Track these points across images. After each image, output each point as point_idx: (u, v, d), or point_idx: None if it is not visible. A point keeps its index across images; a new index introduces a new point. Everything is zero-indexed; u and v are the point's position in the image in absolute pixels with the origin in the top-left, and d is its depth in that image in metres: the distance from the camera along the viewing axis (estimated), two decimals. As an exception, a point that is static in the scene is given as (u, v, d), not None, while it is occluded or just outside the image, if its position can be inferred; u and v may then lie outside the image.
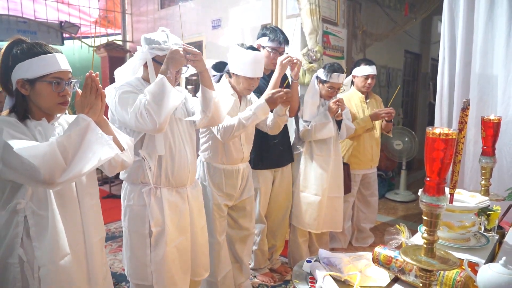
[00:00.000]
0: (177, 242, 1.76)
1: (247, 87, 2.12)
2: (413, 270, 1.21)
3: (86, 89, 1.24)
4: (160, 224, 1.71)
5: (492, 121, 1.60)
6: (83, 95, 1.24)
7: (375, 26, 4.43)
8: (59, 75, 1.28)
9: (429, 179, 0.91)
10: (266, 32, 2.46)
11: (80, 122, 1.20)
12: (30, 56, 1.24)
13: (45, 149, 1.11)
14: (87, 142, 1.20)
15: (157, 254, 1.72)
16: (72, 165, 1.16)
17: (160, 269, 1.73)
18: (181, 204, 1.79)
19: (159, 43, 1.64)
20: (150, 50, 1.64)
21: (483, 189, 1.65)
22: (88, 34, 5.59)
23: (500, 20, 2.37)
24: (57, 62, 1.27)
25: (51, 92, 1.27)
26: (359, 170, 3.12)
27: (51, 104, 1.29)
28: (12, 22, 4.82)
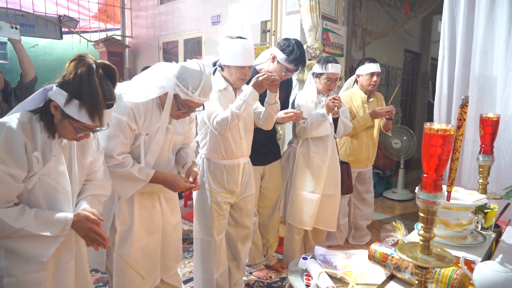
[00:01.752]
0: (143, 243, 1.72)
1: (239, 77, 2.08)
2: (409, 267, 1.20)
3: (95, 235, 1.28)
4: (127, 222, 1.68)
5: (490, 119, 1.59)
6: (90, 230, 1.27)
7: (375, 24, 4.42)
8: (90, 127, 1.22)
9: (426, 176, 0.90)
10: (286, 49, 2.35)
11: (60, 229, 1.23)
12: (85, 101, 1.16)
13: (8, 221, 1.14)
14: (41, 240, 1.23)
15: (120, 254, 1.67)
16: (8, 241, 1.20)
17: (121, 268, 1.68)
18: (153, 203, 1.76)
19: (187, 88, 1.55)
20: (176, 86, 1.56)
21: (481, 188, 1.65)
22: (87, 29, 5.57)
23: (500, 19, 2.36)
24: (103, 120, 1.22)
25: (73, 133, 1.23)
26: (354, 168, 3.12)
27: (66, 136, 1.26)
28: (10, 15, 4.79)
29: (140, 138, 1.62)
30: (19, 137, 1.16)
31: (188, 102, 1.59)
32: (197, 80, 1.56)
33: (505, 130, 2.32)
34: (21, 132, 1.17)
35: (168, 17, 5.22)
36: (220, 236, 2.21)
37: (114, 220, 1.67)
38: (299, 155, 2.65)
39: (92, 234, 1.27)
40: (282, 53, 2.36)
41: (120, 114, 1.54)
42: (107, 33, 5.70)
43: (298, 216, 2.66)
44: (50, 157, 1.24)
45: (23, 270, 1.23)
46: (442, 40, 2.68)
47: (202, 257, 2.22)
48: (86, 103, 1.16)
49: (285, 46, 2.37)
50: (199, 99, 1.58)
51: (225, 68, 2.12)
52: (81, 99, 1.16)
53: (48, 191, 1.25)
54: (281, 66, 2.38)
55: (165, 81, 1.56)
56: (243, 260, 2.43)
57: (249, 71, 2.10)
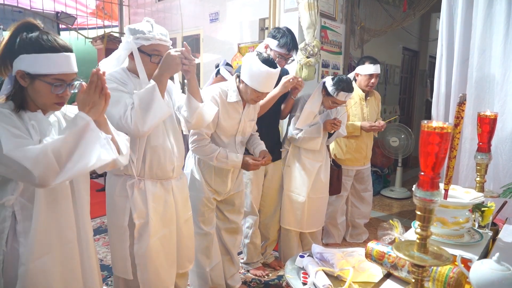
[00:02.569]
0: (160, 235, 1.73)
1: (254, 98, 2.07)
2: (406, 265, 1.20)
3: (91, 86, 1.19)
4: (144, 216, 1.69)
5: (488, 117, 1.59)
6: (87, 91, 1.19)
7: (373, 22, 4.41)
8: (61, 77, 1.21)
9: (424, 174, 0.90)
10: (277, 35, 2.39)
11: (78, 122, 1.15)
12: (37, 50, 1.17)
13: (37, 152, 1.07)
14: (84, 143, 1.15)
15: (141, 247, 1.69)
16: (67, 168, 1.12)
17: (144, 262, 1.70)
18: (166, 196, 1.76)
19: (144, 33, 1.59)
20: (135, 40, 1.59)
21: (478, 186, 1.65)
22: (84, 26, 5.54)
23: (498, 18, 2.35)
24: (63, 63, 1.20)
25: (49, 92, 1.21)
26: (352, 166, 3.13)
27: (46, 103, 1.24)
28: (7, 11, 4.76)
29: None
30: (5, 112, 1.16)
31: (154, 47, 1.62)
32: (146, 25, 1.62)
33: (502, 128, 2.32)
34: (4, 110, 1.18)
35: (166, 14, 5.20)
36: (209, 227, 2.22)
37: (131, 216, 1.67)
38: (289, 157, 2.66)
39: (91, 89, 1.19)
40: (273, 39, 2.40)
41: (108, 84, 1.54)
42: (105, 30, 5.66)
43: (286, 217, 2.68)
44: (44, 135, 1.23)
45: (30, 256, 1.21)
46: (440, 38, 2.67)
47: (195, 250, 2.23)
48: (43, 49, 1.17)
49: (275, 33, 2.41)
50: (161, 38, 1.62)
51: (242, 83, 2.08)
52: (37, 50, 1.17)
53: None
54: (274, 53, 2.40)
55: (125, 44, 1.63)
56: (235, 253, 2.44)
57: (265, 96, 2.13)
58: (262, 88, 2.01)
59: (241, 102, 2.13)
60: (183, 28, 4.91)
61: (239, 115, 2.15)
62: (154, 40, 1.60)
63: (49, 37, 1.20)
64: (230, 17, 4.27)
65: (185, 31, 4.99)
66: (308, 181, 2.59)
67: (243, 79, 2.04)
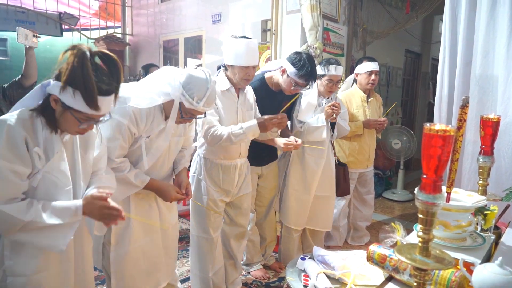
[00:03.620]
0: (142, 242, 1.70)
1: (243, 77, 2.08)
2: (408, 269, 1.19)
3: (107, 211, 1.24)
4: (123, 222, 1.64)
5: (491, 120, 1.58)
6: (102, 208, 1.23)
7: (376, 24, 4.40)
8: (93, 117, 1.20)
9: (426, 177, 0.89)
10: (297, 64, 2.26)
11: (71, 216, 1.21)
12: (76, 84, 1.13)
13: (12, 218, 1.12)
14: (55, 230, 1.20)
15: (119, 254, 1.65)
16: (20, 235, 1.18)
17: (120, 270, 1.65)
18: (150, 202, 1.74)
19: (193, 98, 1.54)
20: (181, 95, 1.54)
21: (481, 189, 1.64)
22: (87, 26, 5.56)
23: (501, 20, 2.34)
24: (100, 108, 1.18)
25: (76, 125, 1.20)
26: (355, 169, 3.11)
27: (69, 130, 1.24)
28: (10, 11, 4.77)
29: (140, 140, 1.61)
30: (19, 133, 1.15)
31: (191, 111, 1.59)
32: (203, 90, 1.56)
33: (505, 131, 2.31)
34: (21, 128, 1.16)
35: (168, 15, 5.21)
36: (216, 233, 2.21)
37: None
38: (294, 156, 2.65)
39: (106, 210, 1.24)
40: (292, 67, 2.28)
41: (121, 116, 1.53)
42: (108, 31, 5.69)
43: (289, 215, 2.66)
44: (52, 154, 1.23)
45: (27, 270, 1.22)
46: (443, 40, 2.67)
47: (198, 255, 2.23)
48: (79, 88, 1.13)
49: (296, 61, 2.28)
50: (203, 109, 1.59)
51: (228, 68, 2.11)
52: (75, 86, 1.13)
53: (49, 189, 1.24)
54: (290, 80, 2.31)
55: (170, 89, 1.56)
56: (239, 259, 2.43)
57: (253, 71, 2.10)
58: (247, 61, 2.03)
59: (233, 89, 2.14)
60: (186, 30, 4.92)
61: (235, 104, 2.15)
62: (197, 108, 1.57)
63: (100, 79, 1.17)
64: (232, 18, 4.28)
65: (188, 32, 5.00)
66: (313, 179, 2.58)
67: (228, 62, 2.08)
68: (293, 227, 2.67)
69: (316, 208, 2.64)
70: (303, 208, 2.61)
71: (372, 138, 3.14)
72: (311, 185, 2.59)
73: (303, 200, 2.61)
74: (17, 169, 1.14)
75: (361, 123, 2.99)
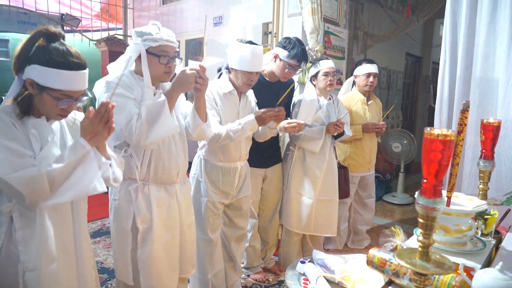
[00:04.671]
0: (164, 240, 1.73)
1: (246, 82, 2.09)
2: (408, 273, 1.19)
3: (97, 116, 1.19)
4: (147, 221, 1.68)
5: (491, 124, 1.58)
6: (92, 120, 1.19)
7: (376, 27, 4.41)
8: (69, 93, 1.21)
9: (426, 181, 0.89)
10: (287, 46, 2.37)
11: (78, 150, 1.17)
12: (50, 63, 1.16)
13: (32, 176, 1.10)
14: (80, 172, 1.18)
15: (144, 252, 1.68)
16: (58, 194, 1.16)
17: (147, 267, 1.69)
18: (170, 201, 1.76)
19: (152, 34, 1.60)
20: (143, 42, 1.60)
21: (481, 193, 1.63)
22: (89, 28, 5.57)
23: (502, 24, 2.35)
24: (73, 81, 1.20)
25: (54, 106, 1.21)
26: (357, 173, 3.11)
27: (50, 113, 1.25)
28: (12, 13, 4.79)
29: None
30: (5, 119, 1.16)
31: (162, 48, 1.61)
32: (153, 27, 1.63)
33: (506, 136, 2.31)
34: (6, 116, 1.18)
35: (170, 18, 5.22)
36: (214, 235, 2.21)
37: (135, 220, 1.66)
38: (296, 158, 2.65)
39: (97, 118, 1.19)
40: (283, 50, 2.37)
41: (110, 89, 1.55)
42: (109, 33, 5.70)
43: (292, 219, 2.65)
44: (45, 141, 1.24)
45: (39, 264, 1.23)
46: (444, 44, 2.67)
47: (197, 256, 2.22)
48: (56, 65, 1.16)
49: (286, 43, 2.38)
50: (168, 39, 1.62)
51: (232, 71, 2.12)
52: (50, 64, 1.16)
53: None
54: (283, 63, 2.37)
55: (133, 46, 1.62)
56: (239, 261, 2.43)
57: (256, 76, 2.11)
58: (250, 67, 2.04)
59: (235, 92, 2.15)
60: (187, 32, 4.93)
61: (236, 107, 2.16)
62: (162, 41, 1.61)
63: (65, 51, 1.19)
64: (233, 21, 4.29)
65: (189, 35, 5.01)
66: (316, 183, 2.58)
67: (232, 66, 2.09)
68: (295, 230, 2.66)
69: (320, 213, 2.62)
70: (305, 211, 2.60)
71: (373, 141, 3.14)
72: (313, 188, 2.58)
73: (305, 204, 2.60)
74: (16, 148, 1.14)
75: (360, 127, 3.00)
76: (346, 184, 2.87)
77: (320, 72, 2.57)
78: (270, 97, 2.43)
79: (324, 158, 2.58)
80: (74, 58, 1.20)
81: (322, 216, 2.64)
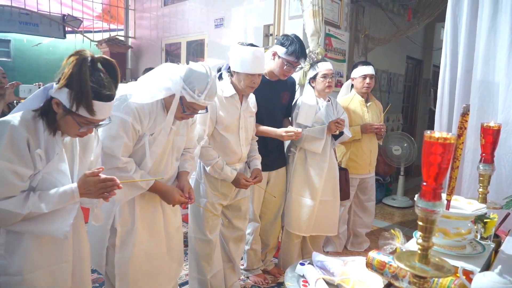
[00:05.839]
0: (146, 245, 1.70)
1: (248, 85, 2.09)
2: (407, 276, 1.19)
3: (102, 183, 1.23)
4: (128, 224, 1.66)
5: (491, 128, 1.58)
6: (96, 182, 1.23)
7: (377, 30, 4.42)
8: (94, 121, 1.23)
9: (426, 184, 0.89)
10: (285, 42, 2.35)
11: (68, 198, 1.22)
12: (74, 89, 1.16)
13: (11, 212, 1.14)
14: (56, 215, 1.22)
15: (123, 257, 1.65)
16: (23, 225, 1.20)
17: (124, 272, 1.66)
18: (154, 205, 1.74)
19: (194, 91, 1.56)
20: (183, 89, 1.56)
21: (481, 197, 1.63)
22: (90, 29, 5.59)
23: (503, 28, 2.35)
24: (101, 112, 1.20)
25: (76, 129, 1.23)
26: (357, 175, 3.11)
27: (69, 133, 1.27)
28: (14, 13, 4.80)
29: (144, 138, 1.61)
30: (22, 134, 1.16)
31: (193, 105, 1.60)
32: (203, 84, 1.57)
33: (506, 139, 2.31)
34: (24, 129, 1.17)
35: (171, 19, 5.23)
36: (212, 235, 2.21)
37: (114, 221, 1.65)
38: (297, 160, 2.65)
39: (100, 183, 1.24)
40: (282, 47, 2.37)
41: (124, 114, 1.53)
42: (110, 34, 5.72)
43: (293, 221, 2.65)
44: (53, 155, 1.24)
45: (22, 269, 1.23)
46: (445, 47, 2.67)
47: (196, 256, 2.24)
48: (76, 93, 1.16)
49: (284, 40, 2.38)
50: (204, 102, 1.59)
51: (234, 74, 2.12)
52: (73, 90, 1.16)
53: (48, 189, 1.25)
54: (282, 60, 2.37)
55: (171, 83, 1.56)
56: (237, 262, 2.43)
57: (258, 79, 2.11)
58: (253, 69, 2.04)
59: (237, 96, 2.15)
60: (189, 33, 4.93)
61: (237, 110, 2.16)
62: (198, 101, 1.58)
63: (99, 83, 1.19)
64: (235, 23, 4.29)
65: (190, 36, 5.02)
66: (317, 184, 2.58)
67: (234, 69, 2.09)
68: (297, 232, 2.66)
69: (321, 214, 2.63)
70: (307, 214, 2.60)
71: (373, 142, 3.13)
72: (315, 190, 2.58)
73: (307, 206, 2.60)
74: (18, 170, 1.15)
75: (359, 128, 3.00)
76: (347, 185, 2.87)
77: (319, 74, 2.57)
78: (271, 96, 2.44)
79: (325, 159, 2.58)
80: (106, 90, 1.21)
81: (323, 217, 2.64)
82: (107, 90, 1.20)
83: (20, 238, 1.23)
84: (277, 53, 2.39)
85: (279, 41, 2.42)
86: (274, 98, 2.49)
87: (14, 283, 1.22)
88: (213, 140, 2.14)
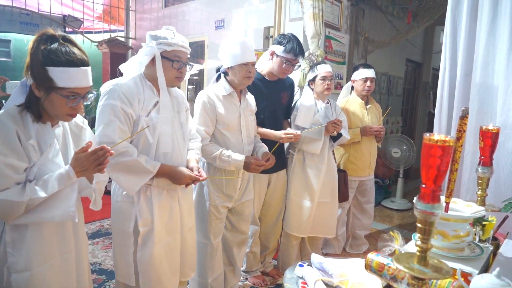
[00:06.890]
0: (164, 243, 1.73)
1: (245, 75, 2.08)
2: (405, 278, 1.19)
3: (93, 155, 1.23)
4: (149, 224, 1.68)
5: (490, 131, 1.59)
6: (87, 157, 1.23)
7: (377, 33, 4.43)
8: (77, 91, 1.23)
9: (425, 186, 0.90)
10: (283, 41, 2.38)
11: (65, 180, 1.22)
12: (54, 63, 1.18)
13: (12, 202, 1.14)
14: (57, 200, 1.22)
15: (144, 254, 1.68)
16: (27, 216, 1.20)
17: (147, 269, 1.69)
18: (171, 204, 1.76)
19: (167, 39, 1.62)
20: (158, 45, 1.61)
21: (479, 200, 1.64)
22: (91, 29, 5.59)
23: (502, 32, 2.36)
24: (79, 77, 1.22)
25: (64, 105, 1.23)
26: (356, 177, 3.11)
27: (59, 114, 1.26)
28: (15, 13, 4.81)
29: (140, 120, 1.62)
30: (9, 126, 1.17)
31: (176, 53, 1.64)
32: (169, 33, 1.65)
33: (504, 143, 2.32)
34: (11, 122, 1.18)
35: (172, 20, 5.23)
36: (216, 240, 2.20)
37: (137, 223, 1.66)
38: (295, 162, 2.65)
39: (92, 156, 1.24)
40: (279, 45, 2.38)
41: (112, 100, 1.56)
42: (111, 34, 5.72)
43: (292, 222, 2.65)
44: (46, 146, 1.25)
45: (30, 265, 1.24)
46: (444, 50, 2.68)
47: (198, 260, 2.22)
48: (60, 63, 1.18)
49: (281, 39, 2.40)
50: (183, 45, 1.65)
51: (229, 71, 2.13)
52: (55, 63, 1.18)
53: None
54: (280, 59, 2.38)
55: (147, 49, 1.63)
56: (239, 265, 2.42)
57: (252, 68, 2.11)
58: (245, 58, 2.05)
59: (235, 94, 2.16)
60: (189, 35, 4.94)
61: (237, 109, 2.16)
62: (177, 46, 1.63)
63: (68, 50, 1.21)
64: (235, 24, 4.30)
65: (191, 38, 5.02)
66: (315, 186, 2.58)
67: (228, 64, 2.10)
68: (296, 234, 2.66)
69: (319, 215, 2.63)
70: (306, 215, 2.60)
71: (372, 144, 3.14)
72: (313, 192, 2.58)
73: (305, 207, 2.60)
74: (12, 162, 1.16)
75: (358, 130, 3.00)
76: (345, 187, 2.87)
77: (318, 76, 2.58)
78: (271, 96, 2.45)
79: (323, 161, 2.59)
80: (77, 55, 1.23)
81: (322, 218, 2.65)
82: (77, 56, 1.22)
83: (23, 234, 1.23)
84: (275, 52, 2.40)
85: (276, 40, 2.44)
86: (274, 98, 2.49)
87: (24, 279, 1.23)
88: (216, 140, 2.14)
